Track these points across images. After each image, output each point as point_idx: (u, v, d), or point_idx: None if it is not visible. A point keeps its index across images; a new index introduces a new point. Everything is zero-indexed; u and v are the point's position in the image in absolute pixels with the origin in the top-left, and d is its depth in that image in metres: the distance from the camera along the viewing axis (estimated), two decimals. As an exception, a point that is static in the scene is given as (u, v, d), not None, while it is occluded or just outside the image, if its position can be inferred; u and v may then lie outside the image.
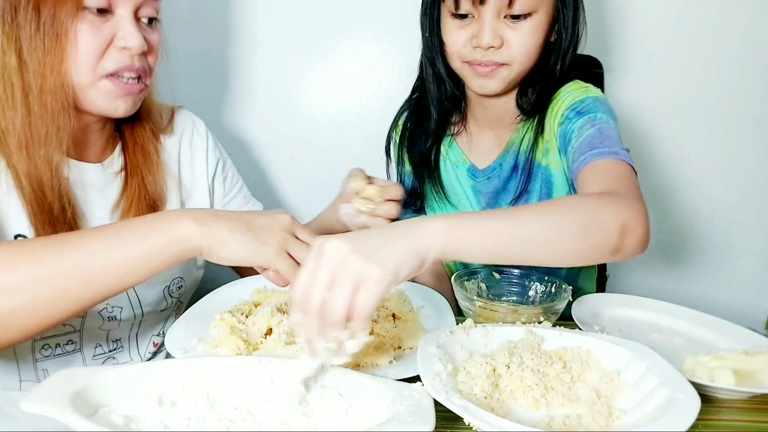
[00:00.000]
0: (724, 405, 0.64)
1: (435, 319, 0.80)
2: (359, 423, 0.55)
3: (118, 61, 0.77)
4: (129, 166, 0.88)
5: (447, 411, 0.53)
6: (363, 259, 0.54)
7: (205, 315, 0.74)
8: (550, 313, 0.78)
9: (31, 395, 0.50)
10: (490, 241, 0.62)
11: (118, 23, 0.76)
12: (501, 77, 0.93)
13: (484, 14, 0.89)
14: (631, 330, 0.80)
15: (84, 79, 0.76)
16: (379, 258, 0.54)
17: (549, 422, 0.57)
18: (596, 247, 0.67)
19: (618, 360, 0.64)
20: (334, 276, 0.54)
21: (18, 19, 0.72)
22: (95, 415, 0.52)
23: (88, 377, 0.55)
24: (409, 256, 0.57)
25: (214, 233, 0.64)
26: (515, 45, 0.90)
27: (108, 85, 0.77)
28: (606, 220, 0.67)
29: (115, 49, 0.77)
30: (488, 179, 1.05)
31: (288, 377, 0.59)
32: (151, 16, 0.81)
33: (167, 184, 0.91)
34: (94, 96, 0.78)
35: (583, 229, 0.65)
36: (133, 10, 0.77)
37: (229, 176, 1.04)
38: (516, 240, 0.63)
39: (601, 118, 0.88)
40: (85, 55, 0.75)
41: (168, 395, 0.57)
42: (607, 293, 1.08)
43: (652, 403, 0.56)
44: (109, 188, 0.86)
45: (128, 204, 0.86)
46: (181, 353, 0.65)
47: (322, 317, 0.54)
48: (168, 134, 0.95)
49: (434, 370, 0.58)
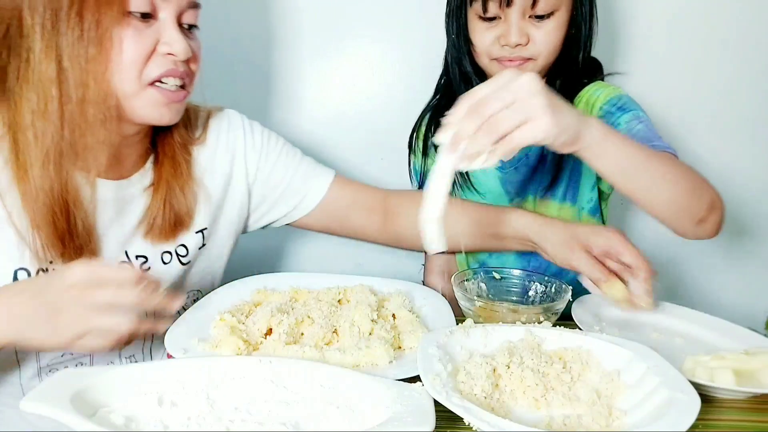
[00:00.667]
0: (724, 405, 0.64)
1: (435, 319, 0.80)
2: (359, 423, 0.55)
3: (162, 66, 0.74)
4: (157, 181, 0.84)
5: (447, 411, 0.53)
6: (546, 103, 0.63)
7: (205, 315, 0.74)
8: (550, 313, 0.78)
9: (31, 395, 0.50)
10: (630, 152, 0.73)
11: (162, 28, 0.74)
12: (527, 71, 0.96)
13: (510, 15, 0.95)
14: (631, 330, 0.80)
15: (129, 87, 0.73)
16: (557, 112, 0.64)
17: (549, 422, 0.57)
18: (692, 208, 0.78)
19: (618, 360, 0.64)
20: (515, 100, 0.62)
21: (59, 25, 0.68)
22: (95, 416, 0.53)
23: (88, 377, 0.55)
24: (574, 126, 0.67)
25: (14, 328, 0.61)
26: (540, 41, 0.97)
27: (153, 93, 0.74)
28: (703, 190, 0.79)
29: (159, 55, 0.74)
30: (515, 169, 1.09)
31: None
32: (191, 22, 0.78)
33: (197, 197, 0.87)
34: (139, 105, 0.74)
35: (692, 186, 0.78)
36: (175, 15, 0.75)
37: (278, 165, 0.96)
38: (648, 166, 0.74)
39: (642, 116, 0.96)
40: (130, 62, 0.71)
41: (168, 395, 0.57)
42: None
43: (653, 403, 0.56)
44: (134, 204, 0.82)
45: (151, 221, 0.82)
46: (181, 353, 0.65)
47: (486, 124, 0.62)
48: (201, 143, 0.90)
49: (434, 370, 0.58)
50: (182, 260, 0.87)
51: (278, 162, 0.96)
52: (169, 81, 0.75)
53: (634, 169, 0.74)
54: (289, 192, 0.97)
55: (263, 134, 0.96)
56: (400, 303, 0.81)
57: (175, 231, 0.85)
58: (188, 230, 0.87)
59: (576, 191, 1.06)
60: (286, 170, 0.96)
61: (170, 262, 0.85)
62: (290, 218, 0.99)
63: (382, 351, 0.66)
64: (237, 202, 0.94)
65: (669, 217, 0.79)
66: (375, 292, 0.84)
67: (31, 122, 0.69)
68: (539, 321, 0.77)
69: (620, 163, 0.73)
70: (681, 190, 0.77)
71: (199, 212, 0.88)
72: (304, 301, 0.81)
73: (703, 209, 0.79)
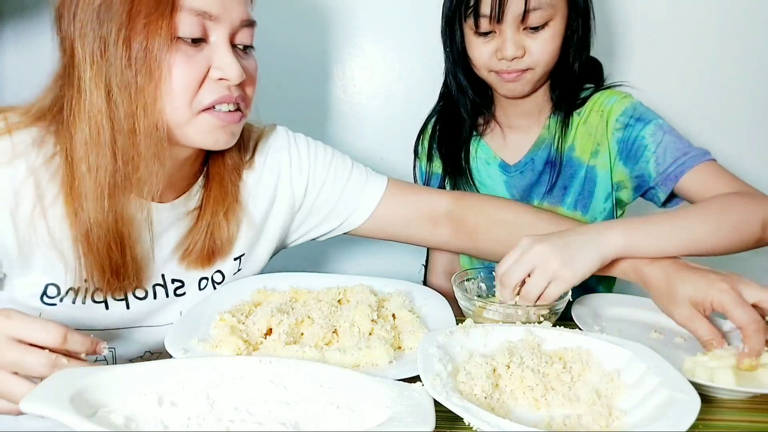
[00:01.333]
0: (724, 405, 0.64)
1: (435, 319, 0.80)
2: (359, 423, 0.55)
3: (215, 92, 0.70)
4: (204, 205, 0.81)
5: (447, 411, 0.53)
6: (561, 263, 0.73)
7: (205, 315, 0.74)
8: (551, 313, 0.78)
9: (31, 395, 0.50)
10: (659, 242, 0.77)
11: (214, 52, 0.70)
12: (526, 80, 1.00)
13: (505, 30, 0.95)
14: (631, 330, 0.80)
15: (180, 116, 0.69)
16: (572, 264, 0.74)
17: (549, 422, 0.57)
18: (743, 241, 0.81)
19: (618, 360, 0.64)
20: (534, 267, 0.74)
21: (107, 54, 0.65)
22: (95, 416, 0.52)
23: (88, 377, 0.55)
24: (594, 262, 0.75)
25: None
26: (537, 52, 0.97)
27: (207, 118, 0.71)
28: (750, 217, 0.81)
29: (211, 80, 0.70)
30: (521, 173, 1.09)
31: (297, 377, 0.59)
32: (246, 43, 0.74)
33: (240, 224, 0.84)
34: (192, 132, 0.71)
35: (733, 227, 0.80)
36: (228, 37, 0.71)
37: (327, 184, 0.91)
38: (680, 241, 0.77)
39: (663, 124, 0.98)
40: (180, 90, 0.68)
41: (168, 395, 0.57)
42: (607, 293, 1.08)
43: (652, 403, 0.56)
44: (176, 226, 0.80)
45: (190, 246, 0.80)
46: (181, 353, 0.65)
47: (522, 295, 0.75)
48: (250, 167, 0.86)
49: (434, 370, 0.58)
50: (216, 287, 0.85)
51: (326, 182, 0.91)
52: (222, 107, 0.72)
53: (676, 243, 0.77)
54: (336, 209, 0.92)
55: (309, 152, 0.91)
56: (400, 303, 0.81)
57: (213, 258, 0.82)
58: (226, 257, 0.84)
59: (589, 201, 1.06)
60: (333, 188, 0.91)
61: (205, 288, 0.84)
62: (337, 233, 0.95)
63: (382, 351, 0.66)
64: (279, 226, 0.90)
65: (731, 251, 0.81)
66: (375, 292, 0.84)
67: (84, 154, 0.67)
68: (539, 321, 0.77)
69: (661, 248, 0.77)
70: (725, 235, 0.79)
71: (240, 239, 0.85)
72: (304, 301, 0.81)
73: (755, 233, 0.81)
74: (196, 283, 0.83)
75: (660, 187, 0.96)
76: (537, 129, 1.09)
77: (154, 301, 0.79)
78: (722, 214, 0.81)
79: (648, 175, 0.98)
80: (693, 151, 0.94)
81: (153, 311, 0.80)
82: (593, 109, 1.04)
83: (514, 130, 1.11)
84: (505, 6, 0.93)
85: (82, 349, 0.59)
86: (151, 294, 0.79)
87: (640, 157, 0.98)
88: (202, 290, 0.84)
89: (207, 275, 0.84)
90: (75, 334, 0.58)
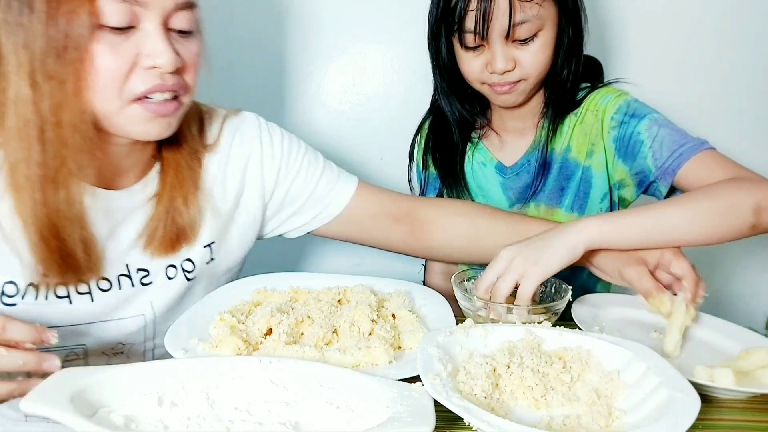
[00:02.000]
0: (724, 405, 0.64)
1: (435, 319, 0.80)
2: (359, 423, 0.55)
3: (147, 82, 0.67)
4: (161, 190, 0.79)
5: (447, 411, 0.53)
6: (527, 261, 0.76)
7: (205, 315, 0.74)
8: (550, 313, 0.78)
9: (31, 395, 0.50)
10: (633, 229, 0.78)
11: (144, 39, 0.66)
12: (519, 91, 0.99)
13: (493, 44, 0.94)
14: (631, 330, 0.80)
15: (110, 106, 0.67)
16: (539, 260, 0.76)
17: (549, 422, 0.57)
18: (733, 227, 0.79)
19: (618, 360, 0.64)
20: (504, 271, 0.76)
21: (30, 43, 0.63)
22: (95, 416, 0.53)
23: (88, 377, 0.55)
24: (561, 255, 0.76)
25: None
26: (527, 63, 0.95)
27: (137, 109, 0.68)
28: (740, 202, 0.79)
29: (142, 68, 0.67)
30: (517, 175, 1.09)
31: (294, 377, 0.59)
32: (184, 28, 0.70)
33: (203, 210, 0.82)
34: (123, 122, 0.69)
35: (718, 214, 0.78)
36: (161, 21, 0.67)
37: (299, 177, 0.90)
38: (656, 228, 0.78)
39: (659, 117, 0.96)
40: (107, 80, 0.65)
41: (168, 395, 0.57)
42: (607, 293, 1.08)
43: (652, 403, 0.56)
44: (136, 214, 0.78)
45: (151, 232, 0.78)
46: (181, 353, 0.65)
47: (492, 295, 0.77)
48: (213, 151, 0.84)
49: (434, 370, 0.58)
50: (188, 275, 0.83)
51: (299, 174, 0.90)
52: (156, 96, 0.69)
53: (657, 231, 0.78)
54: (309, 203, 0.92)
55: (283, 142, 0.90)
56: (400, 303, 0.81)
57: (177, 244, 0.80)
58: (193, 244, 0.82)
59: (585, 202, 1.06)
60: (306, 182, 0.91)
61: (175, 277, 0.82)
62: (308, 228, 0.95)
63: (382, 351, 0.66)
64: (250, 215, 0.89)
65: (720, 240, 0.80)
66: (375, 292, 0.84)
67: (16, 145, 0.65)
68: (539, 321, 0.77)
69: (640, 238, 0.78)
70: (709, 221, 0.79)
71: (206, 225, 0.83)
72: (304, 301, 0.81)
73: (747, 220, 0.79)
74: (162, 271, 0.80)
75: (660, 181, 0.95)
76: (533, 131, 1.09)
77: (120, 292, 0.77)
78: (705, 202, 0.80)
79: (647, 170, 0.97)
80: (690, 142, 0.92)
81: (120, 303, 0.78)
82: (589, 108, 1.03)
83: (510, 133, 1.11)
84: (489, 22, 0.91)
85: (24, 338, 0.56)
86: (116, 285, 0.77)
87: (637, 153, 0.97)
88: (171, 279, 0.81)
89: (175, 263, 0.81)
90: (15, 323, 0.56)
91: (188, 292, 0.84)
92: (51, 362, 0.57)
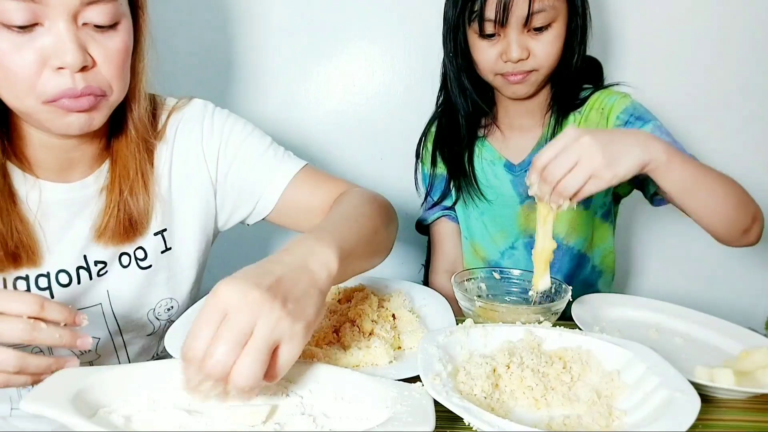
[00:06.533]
0: (724, 405, 0.64)
1: (435, 319, 0.80)
2: (359, 423, 0.55)
3: (57, 85, 0.65)
4: (111, 182, 0.79)
5: (447, 411, 0.53)
6: (604, 160, 0.72)
7: (205, 315, 0.74)
8: (550, 313, 0.78)
9: (31, 395, 0.50)
10: (691, 171, 0.79)
11: (49, 37, 0.63)
12: (531, 82, 1.02)
13: (509, 32, 0.97)
14: (631, 330, 0.80)
15: (22, 105, 0.66)
16: (615, 163, 0.73)
17: (549, 422, 0.57)
18: (739, 220, 0.83)
19: (618, 360, 0.64)
20: (578, 161, 0.72)
21: None
22: (95, 416, 0.53)
23: (88, 377, 0.55)
24: (635, 166, 0.74)
25: None
26: (541, 53, 0.99)
27: (52, 108, 0.66)
28: (748, 202, 0.85)
29: (50, 69, 0.64)
30: (526, 172, 1.08)
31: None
32: (98, 22, 0.66)
33: (152, 198, 0.82)
34: (41, 118, 0.67)
35: (739, 200, 0.83)
36: (68, 18, 0.64)
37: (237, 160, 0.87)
38: (705, 183, 0.80)
39: (661, 125, 0.98)
40: (14, 81, 0.64)
41: (167, 395, 0.57)
42: (607, 293, 1.08)
43: (652, 403, 0.56)
44: (90, 206, 0.78)
45: (104, 223, 0.77)
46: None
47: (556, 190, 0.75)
48: (161, 140, 0.83)
49: (434, 370, 0.58)
50: (141, 264, 0.82)
51: (237, 156, 0.87)
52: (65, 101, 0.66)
53: (695, 186, 0.79)
54: (249, 187, 0.88)
55: (225, 126, 0.87)
56: (400, 303, 0.81)
57: (129, 234, 0.80)
58: (145, 233, 0.82)
59: (590, 197, 1.06)
60: (245, 163, 0.87)
61: (129, 266, 0.81)
62: (255, 218, 0.91)
63: (382, 351, 0.66)
64: (200, 200, 0.87)
65: (719, 228, 0.84)
66: (375, 292, 0.84)
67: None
68: (539, 321, 0.77)
69: (683, 182, 0.79)
70: (732, 204, 0.82)
71: (156, 213, 0.82)
72: (304, 301, 0.80)
73: (748, 221, 0.84)
74: (116, 260, 0.80)
75: (652, 181, 0.95)
76: (539, 128, 1.10)
77: (79, 286, 0.77)
78: (734, 186, 0.84)
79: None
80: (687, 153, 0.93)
81: (78, 296, 0.78)
82: (593, 107, 1.06)
83: (516, 130, 1.12)
84: (509, 9, 0.94)
85: (60, 318, 0.57)
86: (75, 278, 0.77)
87: None
88: (125, 267, 0.81)
89: (128, 251, 0.81)
90: (53, 303, 0.57)
91: (147, 283, 0.83)
92: (84, 339, 0.59)
